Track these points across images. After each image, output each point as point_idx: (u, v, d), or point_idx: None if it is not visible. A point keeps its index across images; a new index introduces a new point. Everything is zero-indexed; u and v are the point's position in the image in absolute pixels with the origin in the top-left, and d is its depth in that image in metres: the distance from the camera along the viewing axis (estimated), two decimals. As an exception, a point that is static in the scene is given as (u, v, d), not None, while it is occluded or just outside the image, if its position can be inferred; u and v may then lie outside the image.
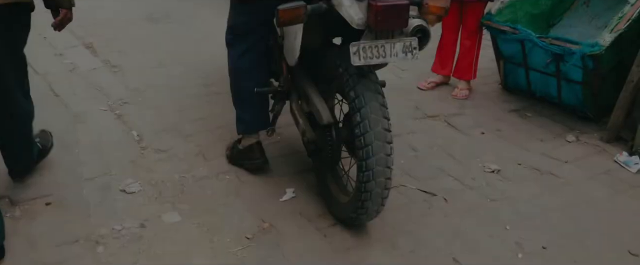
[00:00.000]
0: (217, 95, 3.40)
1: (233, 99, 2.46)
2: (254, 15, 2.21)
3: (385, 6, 1.58)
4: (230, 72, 2.40)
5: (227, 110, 3.17)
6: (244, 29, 2.26)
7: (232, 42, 2.34)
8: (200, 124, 3.02)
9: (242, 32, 2.27)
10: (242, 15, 2.22)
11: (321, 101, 2.04)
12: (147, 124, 3.00)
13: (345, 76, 1.85)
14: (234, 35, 2.32)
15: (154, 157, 2.68)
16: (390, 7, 1.59)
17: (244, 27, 2.25)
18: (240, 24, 2.25)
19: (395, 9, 1.60)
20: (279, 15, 1.73)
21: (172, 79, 3.64)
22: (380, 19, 1.60)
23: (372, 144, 1.79)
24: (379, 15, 1.59)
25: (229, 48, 2.37)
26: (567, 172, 2.63)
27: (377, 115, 1.80)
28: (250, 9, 2.19)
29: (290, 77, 2.24)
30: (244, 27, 2.25)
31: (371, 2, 1.61)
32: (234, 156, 2.57)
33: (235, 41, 2.33)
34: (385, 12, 1.59)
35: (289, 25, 1.78)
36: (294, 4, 1.73)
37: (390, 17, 1.61)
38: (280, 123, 2.67)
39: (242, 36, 2.29)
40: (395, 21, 1.63)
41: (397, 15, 1.62)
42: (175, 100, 3.31)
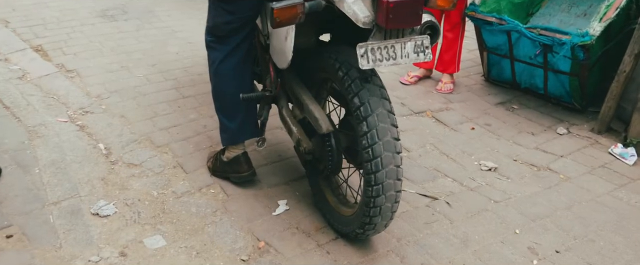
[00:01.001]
0: (189, 99, 3.15)
1: (216, 107, 2.23)
2: (236, 14, 1.99)
3: (398, 2, 1.41)
4: (212, 77, 2.17)
5: (203, 115, 2.94)
6: (226, 29, 2.03)
7: (213, 45, 2.11)
8: (174, 132, 2.77)
9: (224, 33, 2.04)
10: (224, 14, 1.99)
11: (318, 108, 1.86)
12: (114, 135, 2.72)
13: (347, 80, 1.67)
14: (215, 37, 2.09)
15: (126, 172, 2.42)
16: (404, 2, 1.41)
17: (226, 27, 2.03)
18: (222, 25, 2.02)
19: (408, 5, 1.43)
20: (273, 15, 1.53)
21: (138, 83, 3.35)
22: (393, 17, 1.42)
23: (381, 156, 1.62)
24: (391, 12, 1.41)
25: (210, 51, 2.14)
26: (563, 167, 2.55)
27: (385, 124, 1.64)
28: (233, 8, 1.97)
29: (279, 80, 2.04)
30: (226, 28, 2.03)
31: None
32: (217, 169, 2.35)
33: (216, 43, 2.10)
34: (398, 8, 1.41)
35: (285, 25, 1.58)
36: (290, 1, 1.54)
37: (404, 14, 1.43)
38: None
39: (224, 38, 2.07)
40: (408, 18, 1.46)
41: (411, 11, 1.45)
42: (144, 107, 3.03)
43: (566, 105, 3.19)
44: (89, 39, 4.13)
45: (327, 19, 1.80)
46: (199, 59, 3.78)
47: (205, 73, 3.49)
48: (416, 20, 1.47)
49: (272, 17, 1.55)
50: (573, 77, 2.98)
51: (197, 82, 3.37)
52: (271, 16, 1.55)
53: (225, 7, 1.99)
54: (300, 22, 1.58)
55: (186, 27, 4.51)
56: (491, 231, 2.08)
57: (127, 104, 3.06)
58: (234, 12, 1.99)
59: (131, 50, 3.93)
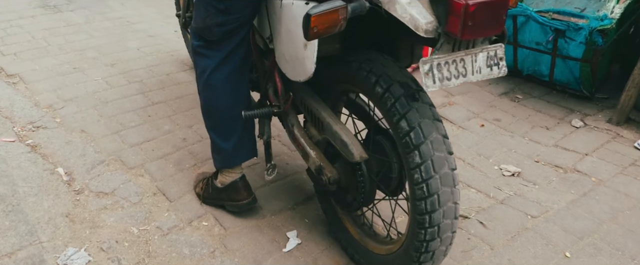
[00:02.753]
0: (160, 106, 2.72)
1: (207, 124, 1.84)
2: (231, 14, 1.60)
3: (481, 4, 1.06)
4: (202, 90, 1.77)
5: (180, 125, 2.53)
6: (219, 32, 1.64)
7: (202, 51, 1.71)
8: (148, 148, 2.35)
9: (216, 37, 1.65)
10: (216, 14, 1.59)
11: (346, 130, 1.50)
12: (76, 156, 2.28)
13: (389, 99, 1.33)
14: (205, 42, 1.69)
15: (95, 204, 2.00)
16: (488, 4, 1.08)
17: (218, 30, 1.63)
18: (214, 27, 1.62)
19: (493, 7, 1.09)
20: (310, 24, 1.16)
21: (96, 88, 2.88)
22: (473, 24, 1.08)
23: (438, 193, 1.30)
24: (471, 18, 1.06)
25: (199, 58, 1.73)
26: (592, 168, 2.32)
27: (441, 152, 1.31)
28: (227, 6, 1.58)
29: (290, 94, 1.66)
30: (219, 31, 1.63)
31: (456, 0, 1.07)
32: (210, 196, 1.96)
33: (206, 49, 1.70)
34: (481, 12, 1.07)
35: (323, 36, 1.22)
36: (330, 3, 1.17)
37: (486, 19, 1.09)
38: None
39: (217, 43, 1.67)
40: (491, 25, 1.12)
41: (494, 15, 1.11)
42: (108, 118, 2.58)
43: (572, 93, 2.97)
44: (31, 35, 3.59)
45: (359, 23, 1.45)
46: (164, 55, 3.32)
47: (174, 72, 3.06)
48: (498, 26, 1.14)
49: (307, 27, 1.18)
50: (585, 64, 2.75)
51: (167, 84, 2.94)
52: (306, 25, 1.18)
53: (218, 5, 1.59)
54: (340, 30, 1.22)
55: (144, 18, 4.01)
56: (539, 256, 1.81)
57: (86, 115, 2.60)
58: (229, 11, 1.60)
59: (83, 48, 3.42)
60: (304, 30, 1.20)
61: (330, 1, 1.19)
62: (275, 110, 1.70)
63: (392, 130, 1.36)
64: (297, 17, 1.43)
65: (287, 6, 1.49)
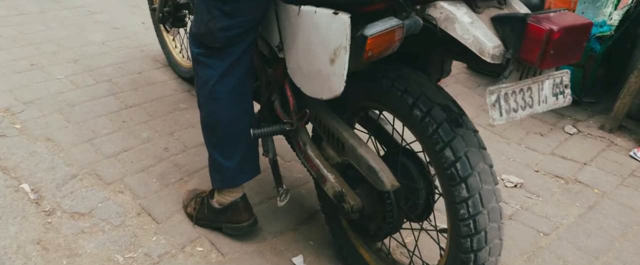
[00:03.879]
0: (135, 109, 2.47)
1: (208, 141, 1.64)
2: (238, 17, 1.40)
3: (566, 29, 0.93)
4: (204, 103, 1.57)
5: (159, 132, 2.30)
6: (223, 38, 1.44)
7: (204, 59, 1.50)
8: (126, 160, 2.12)
9: (220, 43, 1.45)
10: (221, 18, 1.39)
11: (373, 154, 1.35)
12: (43, 170, 2.02)
13: (430, 124, 1.19)
14: (208, 50, 1.48)
15: (71, 227, 1.77)
16: (573, 30, 0.94)
17: (222, 35, 1.43)
18: (218, 32, 1.42)
19: (577, 33, 0.96)
20: (366, 45, 1.00)
21: (60, 88, 2.59)
22: (556, 52, 0.94)
23: (486, 230, 1.18)
24: (557, 45, 0.93)
25: (200, 68, 1.53)
26: (593, 178, 2.28)
27: (489, 185, 1.19)
28: (233, 9, 1.38)
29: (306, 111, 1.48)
30: (223, 36, 1.43)
31: (534, 23, 0.93)
32: (205, 217, 1.77)
33: (209, 58, 1.50)
34: (566, 39, 0.94)
35: (376, 59, 1.06)
36: (385, 22, 1.01)
37: (568, 46, 0.96)
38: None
39: (221, 50, 1.47)
40: (572, 52, 0.99)
41: (577, 42, 0.98)
42: (77, 124, 2.32)
43: (561, 97, 2.94)
44: (-22, 26, 3.22)
45: None
46: (133, 51, 3.05)
47: (146, 70, 2.80)
48: (578, 53, 1.01)
49: (362, 50, 1.01)
50: (578, 69, 2.71)
51: (140, 84, 2.68)
52: (360, 48, 1.02)
53: (223, 7, 1.39)
54: (394, 50, 1.06)
55: (107, 7, 3.69)
56: (558, 278, 1.74)
57: (51, 120, 2.33)
58: (235, 14, 1.40)
59: (40, 40, 3.10)
60: (357, 52, 1.04)
61: (382, 20, 1.03)
62: (288, 128, 1.53)
63: (432, 158, 1.23)
64: (321, 28, 1.26)
65: (307, 14, 1.31)
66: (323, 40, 1.26)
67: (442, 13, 1.08)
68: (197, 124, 2.38)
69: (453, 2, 1.08)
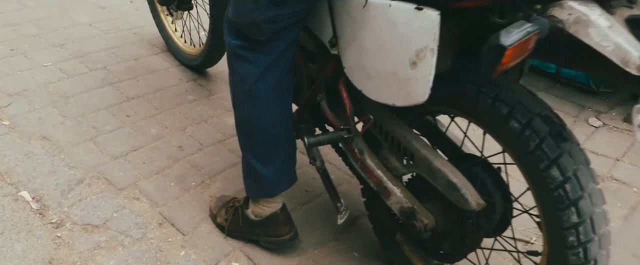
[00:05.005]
0: (139, 101, 2.23)
1: (244, 145, 1.44)
2: (288, 7, 1.20)
3: None
4: (242, 103, 1.37)
5: (169, 127, 2.07)
6: (270, 31, 1.24)
7: (243, 53, 1.30)
8: (137, 160, 1.89)
9: (266, 35, 1.25)
10: (268, 7, 1.19)
11: (452, 168, 1.19)
12: (43, 174, 1.78)
13: (533, 138, 1.04)
14: (250, 43, 1.28)
15: (84, 242, 1.55)
16: None
17: (269, 27, 1.23)
18: (264, 23, 1.22)
19: None
20: (503, 56, 0.84)
21: (49, 77, 2.31)
22: None
23: (596, 258, 1.05)
24: None
25: (237, 63, 1.32)
26: (628, 176, 2.19)
27: (599, 208, 1.06)
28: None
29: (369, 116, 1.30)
30: (270, 28, 1.23)
31: None
32: (240, 230, 1.58)
33: (250, 52, 1.29)
34: None
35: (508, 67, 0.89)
36: (520, 28, 0.85)
37: None
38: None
39: (264, 43, 1.27)
40: None
41: None
42: (75, 119, 2.06)
43: (578, 86, 2.86)
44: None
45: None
46: (125, 33, 2.77)
47: (143, 56, 2.55)
48: None
49: (496, 62, 0.85)
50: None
51: (139, 72, 2.43)
52: (495, 59, 0.85)
53: None
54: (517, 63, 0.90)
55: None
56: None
57: (45, 115, 2.06)
58: (284, 4, 1.20)
59: (17, 21, 2.78)
60: (489, 65, 0.87)
61: (513, 25, 0.86)
62: (346, 136, 1.35)
63: (532, 177, 1.08)
64: (399, 25, 1.08)
65: (378, 8, 1.12)
66: (401, 39, 1.09)
67: (572, 14, 0.92)
68: (210, 119, 2.17)
69: (584, 2, 0.92)
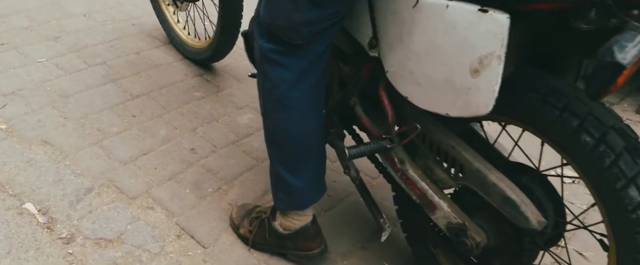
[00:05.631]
0: (143, 99, 2.09)
1: (274, 155, 1.33)
2: (330, 8, 1.09)
3: None
4: (273, 111, 1.26)
5: (179, 128, 1.96)
6: (308, 34, 1.13)
7: (277, 58, 1.18)
8: (147, 166, 1.77)
9: (302, 39, 1.13)
10: (307, 8, 1.07)
11: (509, 183, 1.10)
12: (47, 183, 1.65)
13: (607, 154, 0.95)
14: (285, 47, 1.16)
15: (99, 259, 1.44)
16: None
17: (308, 30, 1.12)
18: (301, 26, 1.10)
19: None
20: (621, 75, 0.74)
21: (45, 74, 2.16)
22: None
23: None
24: None
25: (269, 67, 1.21)
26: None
27: None
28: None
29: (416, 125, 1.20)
30: (308, 31, 1.12)
31: None
32: (267, 243, 1.48)
33: (284, 56, 1.18)
34: None
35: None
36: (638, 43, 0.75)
37: None
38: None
39: (301, 47, 1.16)
40: None
41: None
42: (77, 121, 1.93)
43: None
44: None
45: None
46: (123, 25, 2.62)
47: (145, 50, 2.41)
48: None
49: (610, 81, 0.75)
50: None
51: (141, 68, 2.29)
52: (609, 78, 0.75)
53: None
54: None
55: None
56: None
57: (44, 117, 1.93)
58: (325, 4, 1.09)
59: (5, 12, 2.61)
60: (600, 86, 0.77)
61: (622, 36, 0.77)
62: (389, 146, 1.25)
63: (605, 196, 1.00)
64: (458, 28, 0.98)
65: (432, 8, 1.01)
66: (461, 44, 0.98)
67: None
68: (221, 117, 2.05)
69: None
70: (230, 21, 2.02)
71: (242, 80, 2.30)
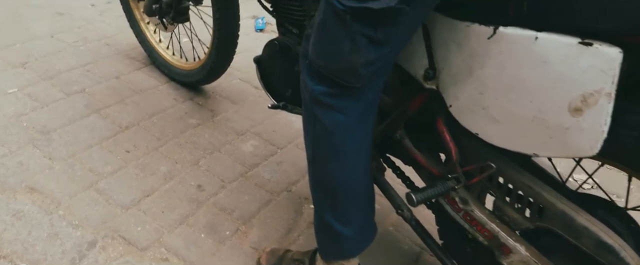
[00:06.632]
0: (135, 131, 1.89)
1: (321, 204, 1.19)
2: (390, 45, 0.97)
3: None
4: (325, 158, 1.12)
5: (178, 161, 1.78)
6: (368, 74, 1.00)
7: (333, 102, 1.04)
8: (153, 210, 1.59)
9: (360, 80, 1.01)
10: (369, 48, 0.93)
11: (601, 225, 1.02)
12: (41, 239, 1.44)
13: None
14: (340, 88, 1.03)
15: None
16: None
17: (367, 71, 0.99)
18: (362, 67, 0.98)
19: None
20: None
21: (19, 107, 1.92)
22: None
23: None
24: None
25: (323, 111, 1.06)
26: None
27: None
28: (389, 34, 0.94)
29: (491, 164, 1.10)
30: (368, 72, 0.99)
31: None
32: (308, 294, 1.35)
33: (341, 100, 1.04)
34: None
35: None
36: None
37: None
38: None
39: (358, 89, 1.04)
40: None
41: None
42: (64, 162, 1.71)
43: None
44: None
45: None
46: (96, 45, 2.39)
47: (125, 73, 2.21)
48: None
49: None
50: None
51: (125, 94, 2.09)
52: None
53: (373, 34, 0.93)
54: None
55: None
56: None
57: (26, 158, 1.70)
58: (386, 41, 0.96)
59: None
60: None
61: None
62: (457, 186, 1.14)
63: None
64: (553, 63, 0.87)
65: (516, 41, 0.90)
66: (557, 80, 0.89)
67: None
68: (223, 147, 1.89)
69: None
70: (226, 42, 1.86)
71: (236, 102, 2.14)
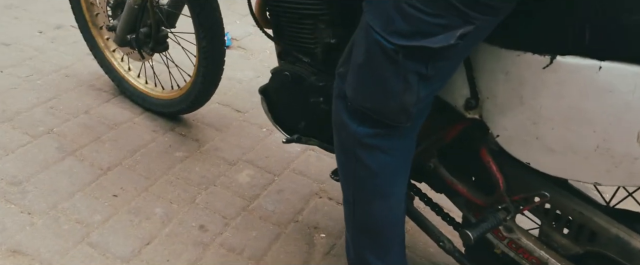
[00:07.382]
0: (118, 172, 1.74)
1: (361, 243, 1.14)
2: (439, 80, 0.94)
3: None
4: (368, 200, 1.06)
5: (177, 203, 1.67)
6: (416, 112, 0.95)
7: (378, 144, 0.98)
8: (155, 259, 1.45)
9: (413, 119, 0.96)
10: (420, 85, 0.88)
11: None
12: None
13: None
14: (386, 128, 0.98)
15: None
16: None
17: (417, 109, 0.95)
18: (412, 106, 0.92)
19: None
20: None
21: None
22: None
23: None
24: None
25: (368, 154, 0.99)
26: None
27: None
28: (440, 69, 0.90)
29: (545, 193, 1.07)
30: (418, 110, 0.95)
31: None
32: None
33: (387, 140, 0.99)
34: None
35: None
36: None
37: None
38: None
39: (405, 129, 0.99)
40: None
41: None
42: (47, 216, 1.53)
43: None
44: None
45: None
46: (55, 77, 2.19)
47: (95, 106, 2.07)
48: None
49: None
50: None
51: (100, 131, 1.92)
52: None
53: (424, 70, 0.88)
54: None
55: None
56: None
57: (2, 216, 1.51)
58: (436, 76, 0.93)
59: None
60: None
61: None
62: (508, 218, 1.11)
63: None
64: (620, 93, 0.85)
65: (577, 70, 0.88)
66: (624, 110, 0.86)
67: None
68: (217, 179, 1.77)
69: None
70: (213, 69, 1.76)
71: (221, 129, 2.02)
